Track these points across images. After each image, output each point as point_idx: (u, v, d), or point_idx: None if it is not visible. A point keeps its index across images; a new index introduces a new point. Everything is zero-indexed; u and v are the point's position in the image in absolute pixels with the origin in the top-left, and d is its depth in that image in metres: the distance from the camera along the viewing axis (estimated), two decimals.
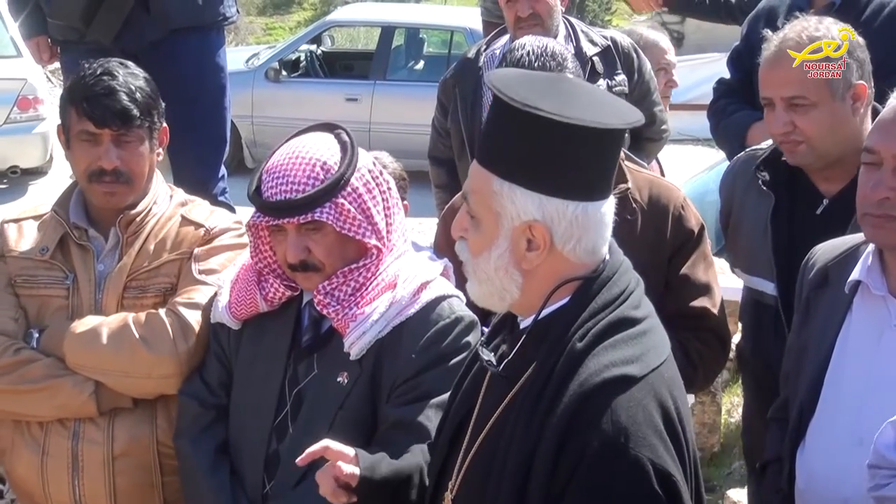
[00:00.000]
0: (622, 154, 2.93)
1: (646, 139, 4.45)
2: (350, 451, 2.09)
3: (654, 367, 1.82)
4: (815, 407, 2.39)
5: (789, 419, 2.50)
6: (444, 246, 2.93)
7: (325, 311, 2.41)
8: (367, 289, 2.41)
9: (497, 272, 1.83)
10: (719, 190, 3.18)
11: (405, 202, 3.66)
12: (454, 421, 2.02)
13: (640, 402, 1.76)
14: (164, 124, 2.90)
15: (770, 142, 2.99)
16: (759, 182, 2.93)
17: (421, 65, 11.88)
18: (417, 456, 2.19)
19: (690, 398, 3.17)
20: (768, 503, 2.61)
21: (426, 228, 6.21)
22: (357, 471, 2.06)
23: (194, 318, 2.74)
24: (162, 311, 2.76)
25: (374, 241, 2.40)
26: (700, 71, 12.13)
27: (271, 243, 2.48)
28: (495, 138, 1.81)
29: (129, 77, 2.79)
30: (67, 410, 2.76)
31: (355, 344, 2.38)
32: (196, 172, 4.37)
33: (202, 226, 2.88)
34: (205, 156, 4.37)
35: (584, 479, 1.72)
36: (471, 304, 2.23)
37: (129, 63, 2.89)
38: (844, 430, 2.32)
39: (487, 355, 1.92)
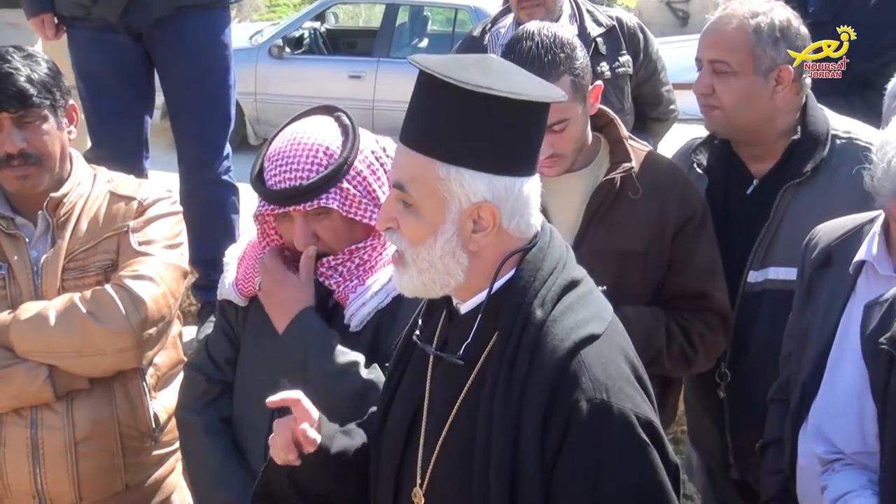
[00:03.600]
0: (625, 133, 2.93)
1: (652, 119, 4.44)
2: (316, 414, 2.01)
3: (609, 321, 1.87)
4: (818, 387, 2.40)
5: (790, 400, 2.51)
6: None
7: (326, 282, 2.41)
8: (369, 264, 2.42)
9: (443, 258, 1.82)
10: None
11: None
12: (406, 417, 1.98)
13: (609, 356, 1.80)
14: (71, 101, 2.87)
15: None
16: (695, 165, 3.03)
17: (425, 42, 11.84)
18: (361, 436, 2.13)
19: None
20: (768, 485, 2.62)
21: None
22: (318, 438, 1.99)
23: (143, 290, 2.73)
24: (108, 286, 2.74)
25: None
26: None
27: (276, 228, 2.47)
28: (433, 122, 1.77)
29: (25, 59, 2.76)
30: (23, 399, 2.73)
31: (355, 315, 2.39)
32: (200, 151, 4.36)
33: (133, 199, 2.88)
34: (209, 134, 4.35)
35: (577, 439, 1.74)
36: None
37: (28, 48, 2.86)
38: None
39: (431, 350, 1.91)
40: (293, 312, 2.38)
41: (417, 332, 1.98)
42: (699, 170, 3.03)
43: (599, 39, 4.12)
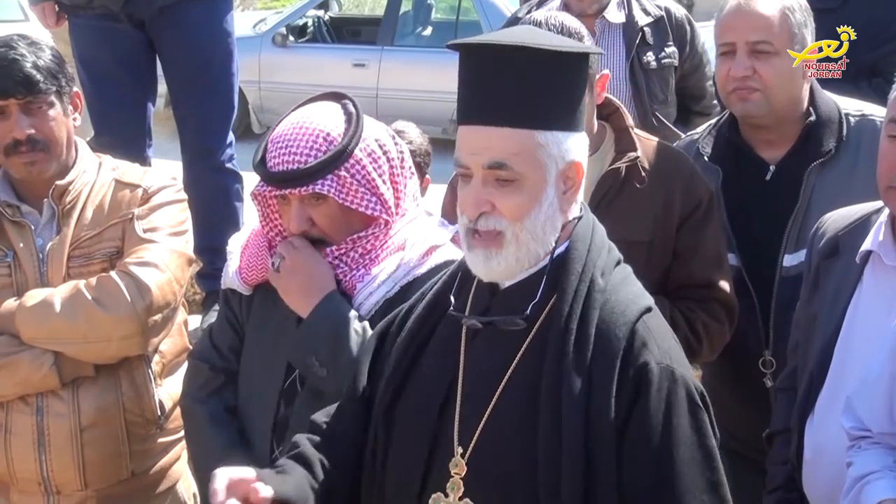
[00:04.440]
0: (630, 122, 2.92)
1: (695, 113, 4.39)
2: (251, 472, 1.89)
3: (653, 298, 1.96)
4: (824, 378, 2.39)
5: (797, 390, 2.50)
6: (451, 212, 2.91)
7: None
8: (374, 253, 2.41)
9: (546, 224, 1.88)
10: None
11: (427, 177, 3.66)
12: (439, 389, 1.97)
13: (664, 327, 1.93)
14: (76, 88, 2.88)
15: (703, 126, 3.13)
16: (704, 158, 3.03)
17: (429, 31, 11.79)
18: (301, 479, 2.01)
19: None
20: (774, 474, 2.61)
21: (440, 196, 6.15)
22: (270, 490, 1.87)
23: (148, 277, 2.74)
24: (113, 273, 2.75)
25: (378, 213, 2.39)
26: (709, 38, 12.04)
27: (279, 211, 2.47)
28: (521, 94, 1.83)
29: (30, 46, 2.78)
30: (29, 386, 2.74)
31: (363, 304, 2.39)
32: (203, 139, 4.36)
33: (139, 186, 2.89)
34: (212, 122, 4.35)
35: (649, 401, 1.81)
36: None
37: (32, 36, 2.87)
38: None
39: (479, 320, 1.93)
40: (320, 295, 2.36)
41: (451, 307, 1.99)
42: (709, 161, 3.02)
43: (647, 29, 4.08)
